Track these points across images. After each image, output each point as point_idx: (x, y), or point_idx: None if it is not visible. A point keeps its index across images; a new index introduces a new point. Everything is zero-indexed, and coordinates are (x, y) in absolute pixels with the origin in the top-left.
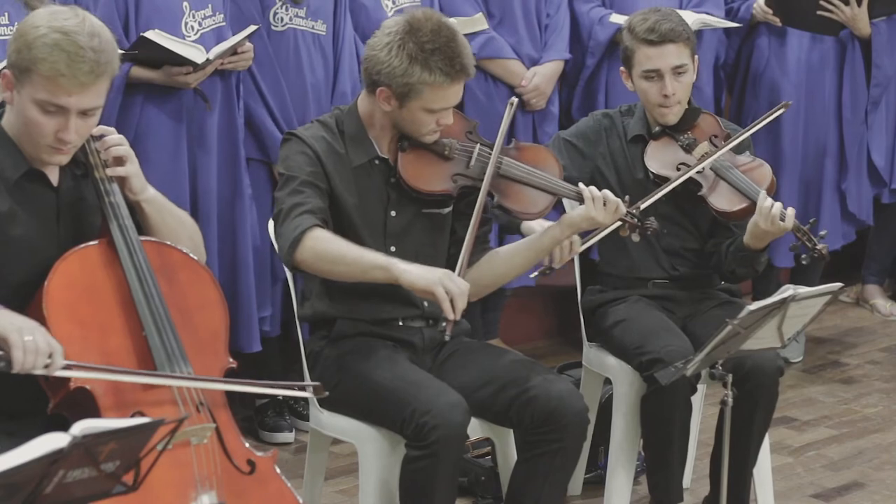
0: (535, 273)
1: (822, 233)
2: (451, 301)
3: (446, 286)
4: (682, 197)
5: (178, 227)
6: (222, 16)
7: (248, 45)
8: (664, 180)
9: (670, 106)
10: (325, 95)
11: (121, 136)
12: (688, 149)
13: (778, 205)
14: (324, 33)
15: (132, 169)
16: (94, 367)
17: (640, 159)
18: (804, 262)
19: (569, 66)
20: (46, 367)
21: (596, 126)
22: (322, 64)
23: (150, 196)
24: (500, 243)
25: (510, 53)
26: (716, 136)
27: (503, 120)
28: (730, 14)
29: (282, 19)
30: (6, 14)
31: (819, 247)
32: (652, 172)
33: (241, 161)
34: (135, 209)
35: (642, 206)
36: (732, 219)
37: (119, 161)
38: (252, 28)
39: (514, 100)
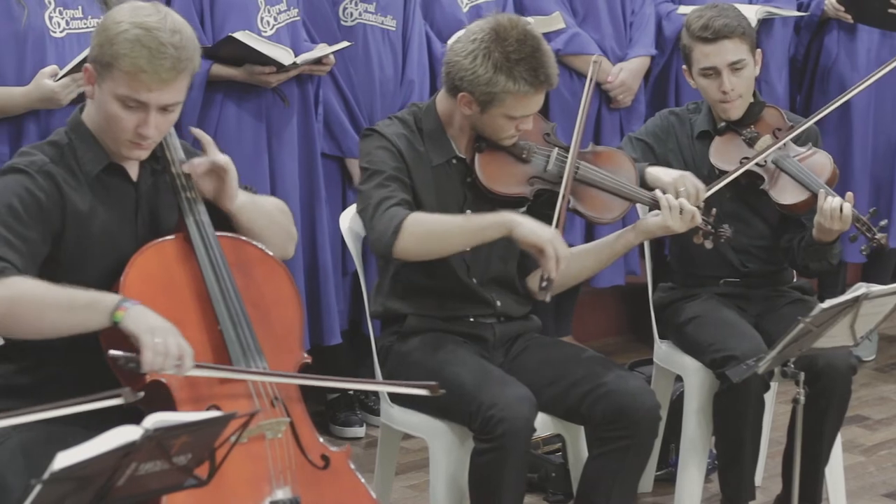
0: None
1: (883, 222)
2: (556, 261)
3: (556, 246)
4: (746, 192)
5: (268, 226)
6: (296, 10)
7: (332, 57)
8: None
9: (731, 101)
10: (393, 91)
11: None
12: (750, 142)
13: (837, 199)
14: (393, 29)
15: (230, 181)
16: (224, 368)
17: (706, 156)
18: (863, 253)
19: None
20: (177, 367)
21: (664, 124)
22: (391, 60)
23: (240, 204)
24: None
25: (595, 50)
26: (779, 129)
27: (585, 89)
28: (799, 9)
29: (351, 14)
30: (80, 7)
31: (878, 236)
32: (716, 168)
33: (318, 165)
34: (225, 216)
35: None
36: (795, 211)
37: (220, 175)
38: (344, 44)
39: (599, 58)
